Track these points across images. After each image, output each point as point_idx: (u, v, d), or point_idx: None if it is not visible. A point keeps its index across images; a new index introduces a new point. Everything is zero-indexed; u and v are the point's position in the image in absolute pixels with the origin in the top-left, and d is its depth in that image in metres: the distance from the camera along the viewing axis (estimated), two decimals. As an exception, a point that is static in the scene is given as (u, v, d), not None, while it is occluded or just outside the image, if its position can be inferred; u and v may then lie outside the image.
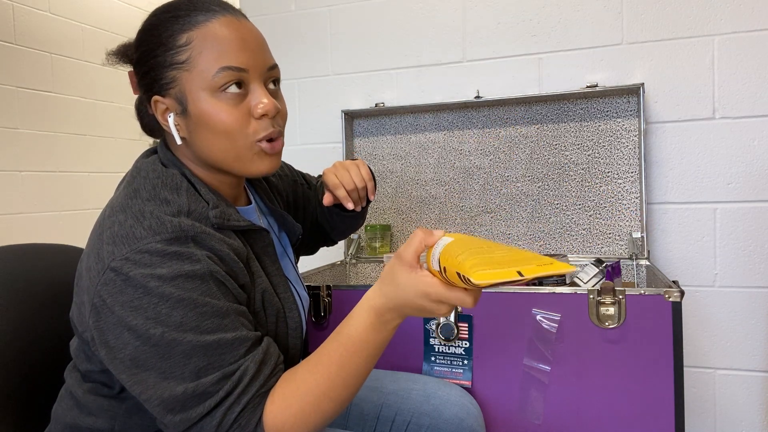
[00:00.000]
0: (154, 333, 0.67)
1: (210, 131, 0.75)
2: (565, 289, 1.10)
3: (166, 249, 0.68)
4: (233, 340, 0.69)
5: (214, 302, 0.69)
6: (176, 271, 0.68)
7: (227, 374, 0.68)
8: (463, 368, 1.15)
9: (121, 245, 0.69)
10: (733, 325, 1.54)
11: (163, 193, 0.74)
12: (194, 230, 0.71)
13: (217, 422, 0.68)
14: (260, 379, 0.69)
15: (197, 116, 0.75)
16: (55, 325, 0.98)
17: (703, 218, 1.56)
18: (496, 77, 1.72)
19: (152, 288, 0.67)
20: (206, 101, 0.74)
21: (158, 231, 0.69)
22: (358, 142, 1.83)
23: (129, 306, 0.67)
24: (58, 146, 2.53)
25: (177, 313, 0.67)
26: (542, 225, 1.66)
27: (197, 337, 0.67)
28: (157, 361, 0.67)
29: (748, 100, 1.51)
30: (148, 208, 0.71)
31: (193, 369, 0.67)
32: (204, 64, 0.73)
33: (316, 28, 1.90)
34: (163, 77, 0.76)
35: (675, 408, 1.04)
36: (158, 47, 0.75)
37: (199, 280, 0.69)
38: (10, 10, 2.32)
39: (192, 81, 0.74)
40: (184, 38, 0.74)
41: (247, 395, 0.68)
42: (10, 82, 2.32)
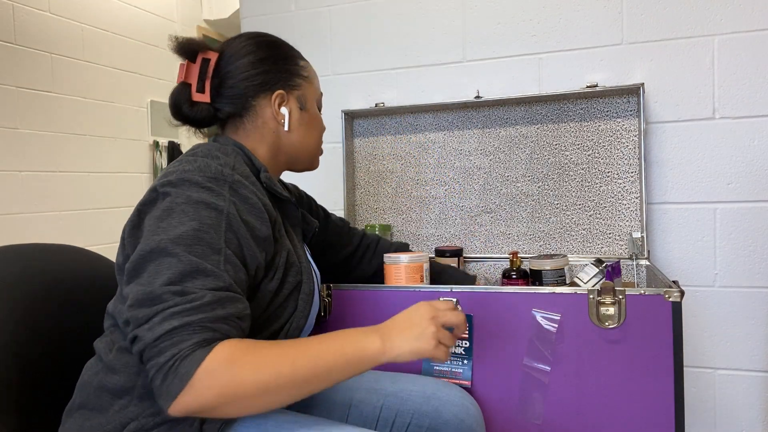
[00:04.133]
0: (154, 238, 0.76)
1: (313, 129, 1.06)
2: (565, 289, 1.10)
3: (203, 183, 0.81)
4: (210, 272, 0.75)
5: (214, 235, 0.78)
6: (201, 198, 0.80)
7: (186, 292, 0.72)
8: (462, 368, 1.15)
9: (170, 175, 0.83)
10: (733, 325, 1.54)
11: (215, 153, 0.87)
12: (232, 178, 0.84)
13: (154, 327, 0.71)
14: (209, 312, 0.72)
15: (311, 116, 1.05)
16: (55, 324, 0.98)
17: (703, 218, 1.56)
18: (496, 77, 1.72)
19: (178, 203, 0.79)
20: (314, 108, 1.06)
21: (203, 170, 0.83)
22: (358, 142, 1.83)
23: (152, 216, 0.79)
24: (58, 146, 2.53)
25: (182, 227, 0.77)
26: (542, 225, 1.66)
27: (184, 254, 0.74)
28: (147, 264, 0.75)
29: (748, 100, 1.51)
30: (201, 159, 0.85)
31: (168, 277, 0.73)
32: (315, 84, 1.07)
33: (316, 28, 1.90)
34: (292, 80, 1.01)
35: (675, 408, 1.04)
36: (287, 58, 1.02)
37: (215, 212, 0.79)
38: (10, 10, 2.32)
39: (311, 92, 1.05)
40: (302, 62, 1.05)
41: (190, 317, 0.71)
42: (10, 82, 2.32)
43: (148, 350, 0.71)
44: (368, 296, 1.22)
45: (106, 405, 0.83)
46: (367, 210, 1.84)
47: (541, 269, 1.39)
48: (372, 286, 1.24)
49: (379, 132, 1.81)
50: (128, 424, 0.81)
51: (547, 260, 1.39)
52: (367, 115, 1.81)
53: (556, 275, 1.38)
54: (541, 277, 1.39)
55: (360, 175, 1.84)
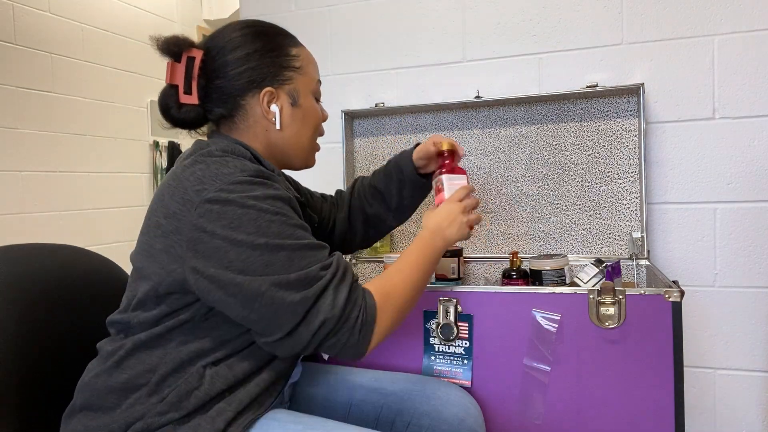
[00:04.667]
0: (260, 242, 0.79)
1: (307, 123, 1.00)
2: (565, 289, 1.10)
3: (253, 179, 0.83)
4: (318, 245, 0.85)
5: (295, 217, 0.85)
6: (266, 193, 0.82)
7: (326, 265, 0.83)
8: (462, 368, 1.15)
9: (211, 182, 0.81)
10: (733, 325, 1.54)
11: (227, 156, 0.87)
12: (267, 174, 0.86)
13: (331, 300, 0.82)
14: (347, 271, 0.86)
15: (305, 110, 0.99)
16: (55, 323, 0.98)
17: (703, 218, 1.56)
18: (496, 77, 1.72)
19: (251, 205, 0.80)
20: (310, 101, 1.00)
21: (243, 169, 0.83)
22: (358, 142, 1.83)
23: (230, 226, 0.79)
24: (59, 146, 2.53)
25: (274, 225, 0.81)
26: (542, 225, 1.66)
27: (294, 242, 0.82)
28: (265, 267, 0.79)
29: (748, 100, 1.51)
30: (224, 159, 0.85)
31: (297, 267, 0.81)
32: (310, 74, 1.00)
33: (316, 28, 1.90)
34: (281, 74, 0.95)
35: (675, 408, 1.04)
36: (276, 50, 0.95)
37: (282, 201, 0.84)
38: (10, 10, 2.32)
39: (303, 84, 0.98)
40: (294, 51, 0.98)
41: (347, 279, 0.85)
42: (10, 82, 2.32)
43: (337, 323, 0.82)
44: (368, 296, 1.22)
45: (111, 405, 0.83)
46: (367, 210, 1.84)
47: (541, 269, 1.39)
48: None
49: (379, 132, 1.81)
50: (134, 423, 0.81)
51: (547, 260, 1.39)
52: (367, 115, 1.81)
53: (556, 275, 1.38)
54: (541, 277, 1.39)
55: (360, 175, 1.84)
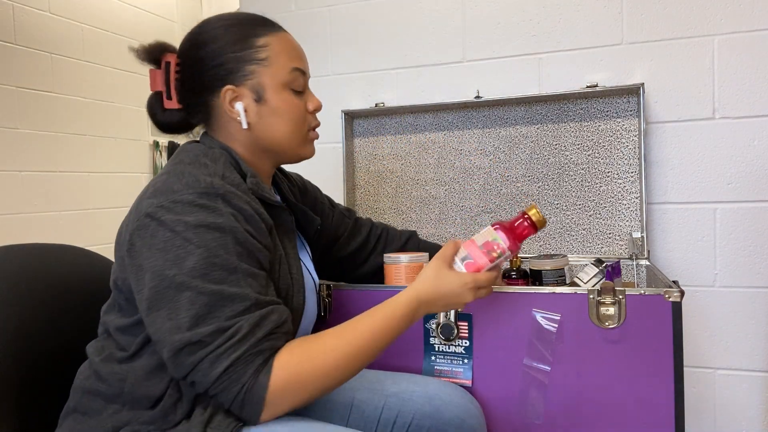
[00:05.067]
0: (169, 274, 0.74)
1: (281, 117, 0.92)
2: (565, 289, 1.10)
3: (196, 200, 0.78)
4: (234, 296, 0.75)
5: (226, 256, 0.76)
6: (200, 221, 0.76)
7: (222, 328, 0.74)
8: (463, 367, 1.15)
9: (159, 196, 0.79)
10: (733, 325, 1.54)
11: (202, 159, 0.85)
12: (224, 189, 0.80)
13: (206, 372, 0.74)
14: (251, 340, 0.74)
15: (273, 105, 0.91)
16: (56, 323, 0.98)
17: (703, 218, 1.56)
18: (496, 77, 1.72)
19: (179, 232, 0.75)
20: (281, 94, 0.92)
21: (192, 186, 0.79)
22: (358, 142, 1.83)
23: (154, 247, 0.76)
24: (58, 146, 2.53)
25: (192, 258, 0.75)
26: (542, 225, 1.66)
27: (203, 285, 0.74)
28: (167, 302, 0.74)
29: (748, 100, 1.51)
30: (188, 170, 0.82)
31: (194, 315, 0.73)
32: (282, 63, 0.92)
33: (316, 28, 1.90)
34: (241, 70, 0.90)
35: (675, 408, 1.04)
36: (235, 44, 0.90)
37: (218, 232, 0.77)
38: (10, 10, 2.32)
39: (269, 76, 0.91)
40: (261, 41, 0.91)
41: (237, 352, 0.73)
42: (10, 82, 2.32)
43: (211, 390, 0.75)
44: (368, 296, 1.22)
45: (98, 409, 0.83)
46: (367, 210, 1.84)
47: (541, 269, 1.39)
48: (372, 286, 1.24)
49: (379, 132, 1.81)
50: (120, 429, 0.81)
51: (547, 260, 1.39)
52: (367, 115, 1.81)
53: (556, 275, 1.38)
54: (541, 277, 1.39)
55: (360, 175, 1.84)
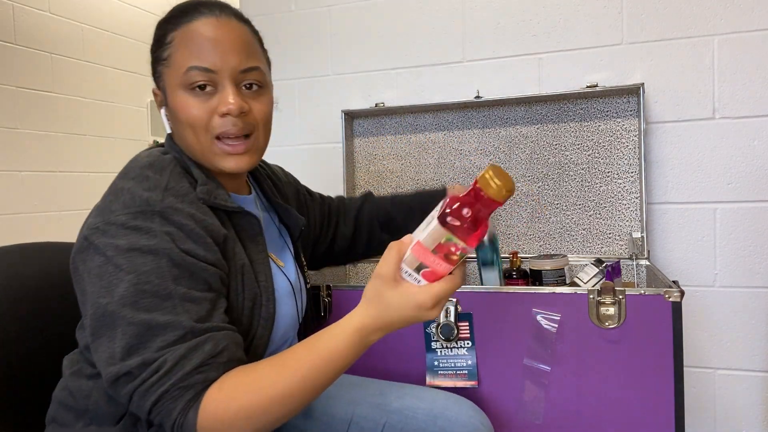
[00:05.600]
0: (101, 302, 0.71)
1: (181, 124, 0.82)
2: (565, 289, 1.10)
3: (128, 222, 0.72)
4: (165, 325, 0.70)
5: (158, 282, 0.71)
6: (132, 244, 0.71)
7: (147, 361, 0.70)
8: (467, 369, 1.14)
9: (98, 216, 0.75)
10: (733, 325, 1.54)
11: (146, 171, 0.78)
12: (162, 205, 0.74)
13: (138, 404, 0.71)
14: (178, 373, 0.69)
15: (173, 109, 0.83)
16: (56, 323, 0.98)
17: (703, 218, 1.56)
18: (496, 77, 1.72)
19: (109, 257, 0.71)
20: (179, 96, 0.81)
21: (128, 205, 0.74)
22: (358, 142, 1.83)
23: (91, 273, 0.72)
24: (58, 146, 2.53)
25: (122, 285, 0.70)
26: (542, 225, 1.66)
27: (132, 314, 0.70)
28: (105, 331, 0.71)
29: (748, 100, 1.51)
30: (128, 185, 0.76)
31: (126, 345, 0.70)
32: (179, 62, 0.80)
33: (316, 28, 1.90)
34: (156, 71, 0.84)
35: (675, 408, 1.04)
36: (154, 44, 0.84)
37: (151, 256, 0.71)
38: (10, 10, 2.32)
39: (170, 76, 0.81)
40: (170, 37, 0.81)
41: (163, 386, 0.69)
42: (10, 82, 2.32)
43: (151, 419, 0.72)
44: (368, 296, 1.22)
45: (71, 422, 0.82)
46: (367, 210, 1.84)
47: (541, 269, 1.39)
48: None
49: (379, 132, 1.81)
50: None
51: (547, 260, 1.39)
52: (367, 115, 1.81)
53: (556, 275, 1.38)
54: (541, 277, 1.39)
55: (360, 175, 1.84)
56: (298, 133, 1.94)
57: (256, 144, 0.85)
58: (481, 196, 0.66)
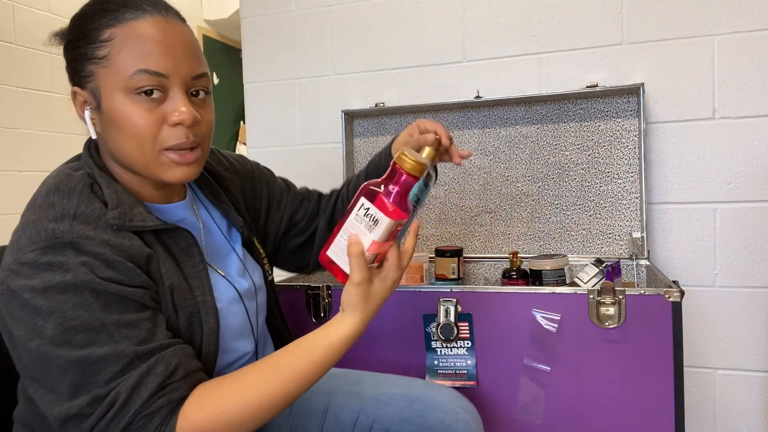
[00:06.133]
0: (32, 345, 0.66)
1: (120, 132, 0.73)
2: (565, 289, 1.10)
3: (39, 259, 0.67)
4: (106, 357, 0.66)
5: (86, 315, 0.66)
6: (47, 283, 0.66)
7: (98, 397, 0.66)
8: (467, 369, 1.14)
9: (9, 256, 0.70)
10: (733, 325, 1.54)
11: (52, 198, 0.71)
12: (71, 235, 0.68)
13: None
14: (137, 402, 0.66)
15: (109, 114, 0.73)
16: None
17: (703, 218, 1.56)
18: (496, 77, 1.72)
19: (27, 300, 0.66)
20: (119, 101, 0.72)
21: (35, 240, 0.68)
22: (358, 142, 1.83)
23: (13, 317, 0.68)
24: (59, 146, 2.54)
25: (49, 326, 0.66)
26: (542, 225, 1.66)
27: (68, 352, 0.66)
28: (42, 374, 0.67)
29: (748, 100, 1.51)
30: (33, 217, 0.71)
31: (69, 385, 0.66)
32: (122, 63, 0.71)
33: (316, 28, 1.90)
34: (83, 69, 0.75)
35: (675, 408, 1.04)
36: (82, 38, 0.75)
37: (71, 292, 0.66)
38: (10, 10, 2.32)
39: (108, 78, 0.72)
40: (107, 33, 0.73)
41: (123, 420, 0.66)
42: (10, 82, 2.32)
43: None
44: (368, 296, 1.21)
45: None
46: (367, 210, 1.84)
47: (541, 269, 1.39)
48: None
49: (379, 132, 1.81)
50: None
51: (547, 260, 1.40)
52: (367, 115, 1.81)
53: (556, 275, 1.38)
54: (541, 277, 1.39)
55: (360, 175, 1.84)
56: (298, 133, 1.94)
57: (203, 154, 0.79)
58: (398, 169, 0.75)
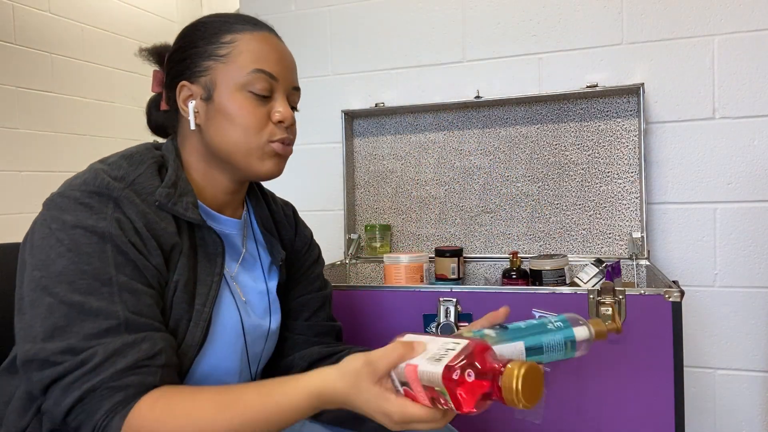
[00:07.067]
0: (35, 275, 0.67)
1: (229, 122, 0.79)
2: (565, 289, 1.10)
3: (82, 198, 0.70)
4: (98, 311, 0.65)
5: (99, 265, 0.67)
6: (78, 221, 0.68)
7: (73, 349, 0.64)
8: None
9: (60, 188, 0.73)
10: (733, 325, 1.54)
11: (122, 162, 0.76)
12: (119, 193, 0.71)
13: (56, 400, 0.64)
14: (109, 369, 0.64)
15: (221, 105, 0.80)
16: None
17: (703, 218, 1.56)
18: (496, 77, 1.72)
19: (52, 230, 0.68)
20: (233, 94, 0.80)
21: (88, 182, 0.71)
22: (358, 142, 1.83)
23: (33, 244, 0.69)
24: (58, 146, 2.53)
25: (61, 261, 0.67)
26: (542, 225, 1.66)
27: (66, 293, 0.65)
28: (30, 307, 0.67)
29: (748, 100, 1.51)
30: (98, 166, 0.75)
31: (50, 326, 0.65)
32: (241, 62, 0.80)
33: (316, 28, 1.90)
34: (198, 65, 0.81)
35: (675, 408, 1.04)
36: (201, 39, 0.82)
37: (96, 237, 0.68)
38: (10, 10, 2.32)
39: (226, 73, 0.80)
40: (228, 37, 0.81)
41: (88, 382, 0.63)
42: (10, 82, 2.32)
43: (63, 425, 0.65)
44: (368, 296, 1.22)
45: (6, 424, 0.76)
46: (367, 210, 1.84)
47: (541, 269, 1.39)
48: (372, 286, 1.24)
49: (379, 132, 1.81)
50: None
51: (547, 260, 1.40)
52: (367, 115, 1.81)
53: (556, 275, 1.38)
54: (541, 277, 1.39)
55: (360, 175, 1.84)
56: (298, 133, 1.93)
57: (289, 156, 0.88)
58: (497, 387, 0.59)
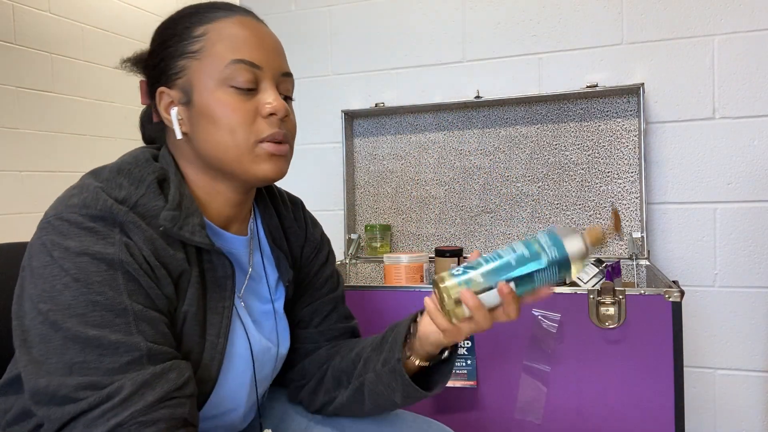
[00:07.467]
0: (42, 308, 0.61)
1: (212, 124, 0.70)
2: (565, 289, 1.10)
3: (85, 222, 0.63)
4: (117, 344, 0.60)
5: (112, 294, 0.62)
6: (84, 248, 0.62)
7: (96, 384, 0.59)
8: (467, 369, 1.14)
9: (54, 208, 0.66)
10: (733, 325, 1.54)
11: (122, 178, 0.69)
12: (125, 217, 0.64)
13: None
14: (138, 403, 0.59)
15: (201, 107, 0.70)
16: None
17: (703, 218, 1.56)
18: (496, 77, 1.72)
19: (55, 258, 0.62)
20: (213, 92, 0.70)
21: (89, 204, 0.64)
22: (358, 142, 1.83)
23: (34, 272, 0.63)
24: (58, 146, 2.53)
25: (68, 293, 0.61)
26: (542, 225, 1.66)
27: (78, 327, 0.60)
28: (39, 341, 0.61)
29: (748, 100, 1.51)
30: (96, 183, 0.67)
31: (67, 362, 0.60)
32: (217, 55, 0.70)
33: (316, 28, 1.90)
34: (172, 67, 0.72)
35: (675, 408, 1.04)
36: (172, 38, 0.73)
37: (105, 265, 0.62)
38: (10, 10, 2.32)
39: (201, 71, 0.70)
40: (200, 30, 0.72)
41: (116, 417, 0.58)
42: (10, 82, 2.32)
43: None
44: (368, 296, 1.22)
45: None
46: (367, 210, 1.84)
47: (541, 269, 1.39)
48: (372, 286, 1.24)
49: (379, 132, 1.81)
50: None
51: (547, 260, 1.39)
52: (367, 115, 1.81)
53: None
54: (541, 277, 1.39)
55: (360, 175, 1.84)
56: (298, 133, 1.93)
57: (291, 153, 0.76)
58: None
